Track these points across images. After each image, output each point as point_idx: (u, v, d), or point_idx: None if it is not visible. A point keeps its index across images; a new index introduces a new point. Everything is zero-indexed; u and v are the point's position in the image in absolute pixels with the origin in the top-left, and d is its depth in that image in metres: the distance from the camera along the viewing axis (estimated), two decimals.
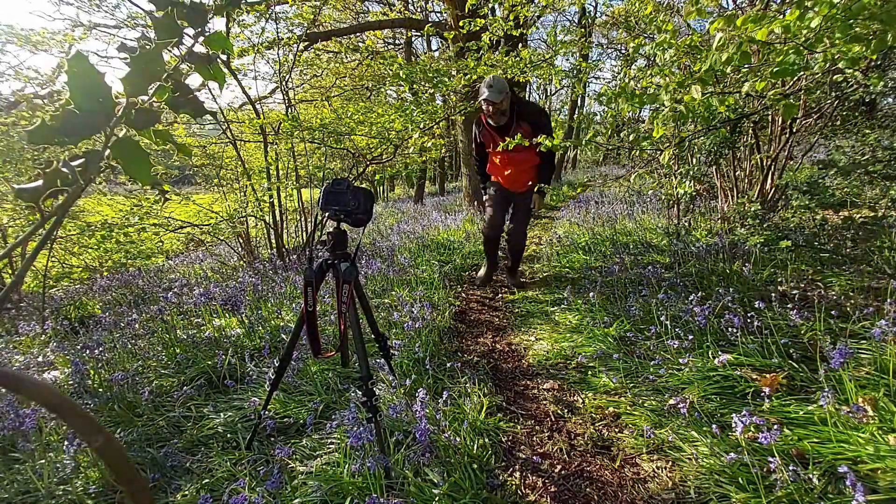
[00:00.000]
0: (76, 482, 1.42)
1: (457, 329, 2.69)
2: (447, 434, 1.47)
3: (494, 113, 2.88)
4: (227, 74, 1.19)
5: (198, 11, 0.73)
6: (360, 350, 1.36)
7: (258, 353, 2.28)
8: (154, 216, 4.40)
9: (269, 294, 3.17)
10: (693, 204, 4.42)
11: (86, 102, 0.59)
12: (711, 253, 2.92)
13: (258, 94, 6.89)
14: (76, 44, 4.54)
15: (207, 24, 0.75)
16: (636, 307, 2.34)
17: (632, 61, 3.77)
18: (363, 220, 1.43)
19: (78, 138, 0.60)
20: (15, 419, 1.57)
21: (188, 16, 0.72)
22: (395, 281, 3.34)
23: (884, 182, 2.79)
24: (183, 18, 0.72)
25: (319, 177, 5.28)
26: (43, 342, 2.88)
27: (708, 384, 1.68)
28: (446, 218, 6.56)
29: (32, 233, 0.65)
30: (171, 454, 1.55)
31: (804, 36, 1.37)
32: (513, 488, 1.37)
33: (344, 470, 1.33)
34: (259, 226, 5.05)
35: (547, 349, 2.32)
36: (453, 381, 1.93)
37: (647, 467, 1.42)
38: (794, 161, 3.77)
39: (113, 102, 0.61)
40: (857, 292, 2.16)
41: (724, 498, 1.21)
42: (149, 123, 0.67)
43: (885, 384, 1.44)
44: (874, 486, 1.13)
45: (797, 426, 1.39)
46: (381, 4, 10.94)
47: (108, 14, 5.12)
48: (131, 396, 1.91)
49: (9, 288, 0.63)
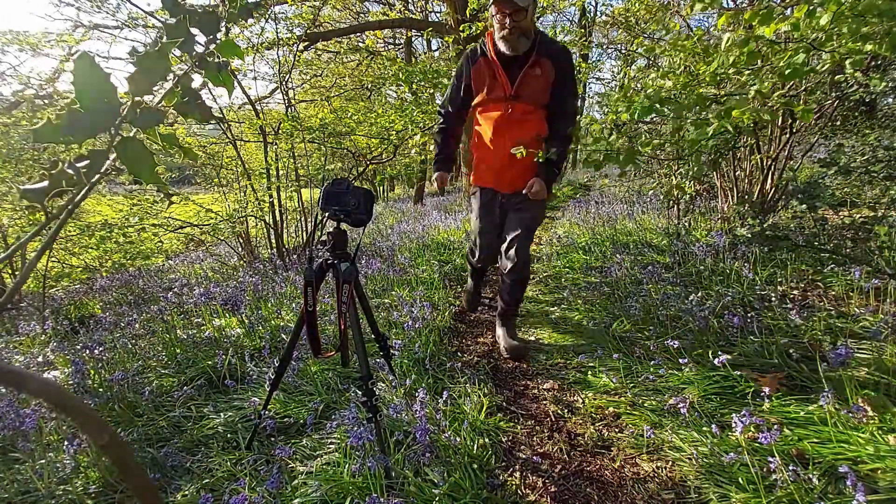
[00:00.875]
0: (76, 482, 1.42)
1: (457, 329, 2.69)
2: (447, 434, 1.47)
3: (512, 32, 1.88)
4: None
5: (211, 19, 0.73)
6: (360, 350, 1.36)
7: (258, 353, 2.28)
8: (154, 216, 4.40)
9: (269, 294, 3.17)
10: (693, 204, 4.43)
11: (91, 102, 0.59)
12: (711, 253, 2.93)
13: (258, 94, 6.90)
14: (77, 45, 4.54)
15: (219, 32, 0.75)
16: (636, 307, 2.34)
17: (631, 61, 3.77)
18: (363, 220, 1.43)
19: (83, 137, 0.60)
20: (15, 419, 1.57)
21: (200, 23, 0.73)
22: (395, 281, 3.34)
23: (884, 182, 2.80)
24: (195, 26, 0.72)
25: (319, 178, 5.28)
26: (43, 342, 2.88)
27: (708, 384, 1.69)
28: (446, 218, 6.56)
29: (36, 233, 0.65)
30: (172, 454, 1.55)
31: (813, 34, 1.37)
32: (513, 488, 1.37)
33: (344, 470, 1.33)
34: (259, 226, 5.06)
35: (547, 350, 2.32)
36: (453, 381, 1.93)
37: (647, 467, 1.42)
38: (794, 161, 3.77)
39: (118, 102, 0.62)
40: (857, 292, 2.17)
41: (724, 498, 1.21)
42: (153, 123, 0.67)
43: (885, 384, 1.45)
44: (874, 486, 1.13)
45: (797, 426, 1.39)
46: (381, 4, 10.95)
47: (109, 15, 5.11)
48: (131, 396, 1.91)
49: (12, 290, 0.63)
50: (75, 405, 0.44)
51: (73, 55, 0.67)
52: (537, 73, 1.92)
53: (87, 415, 0.44)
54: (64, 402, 0.43)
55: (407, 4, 10.38)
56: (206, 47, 0.74)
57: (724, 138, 3.20)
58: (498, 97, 2.01)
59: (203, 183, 5.67)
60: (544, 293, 3.18)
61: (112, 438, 0.44)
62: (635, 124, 3.39)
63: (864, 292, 2.16)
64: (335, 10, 8.94)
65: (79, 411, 0.44)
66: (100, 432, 0.43)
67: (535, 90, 1.97)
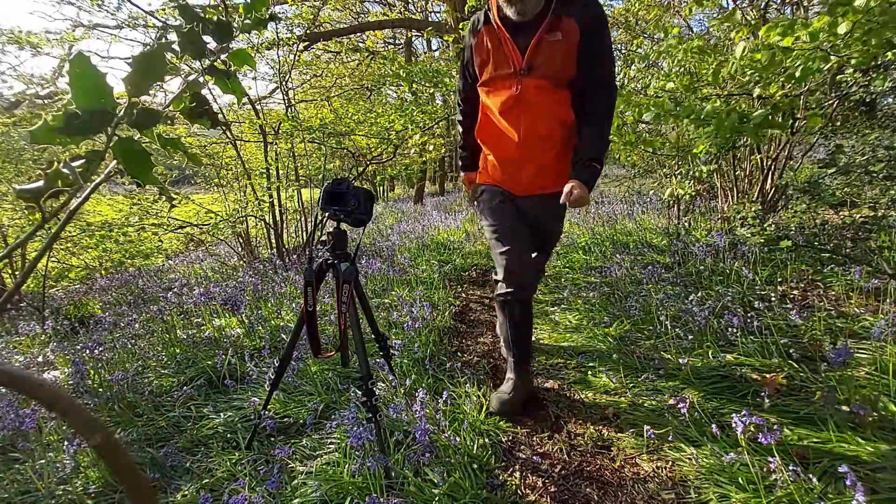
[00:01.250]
0: (76, 482, 1.42)
1: (457, 329, 2.69)
2: (447, 434, 1.47)
3: None
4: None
5: (225, 29, 0.73)
6: (360, 350, 1.36)
7: (258, 353, 2.28)
8: (154, 216, 4.40)
9: (269, 294, 3.17)
10: (693, 204, 4.42)
11: (88, 102, 0.59)
12: (711, 253, 2.92)
13: (258, 94, 6.90)
14: (77, 44, 4.54)
15: (232, 41, 0.75)
16: (636, 307, 2.34)
17: (630, 62, 3.77)
18: (363, 220, 1.43)
19: (79, 138, 0.60)
20: (15, 419, 1.57)
21: (214, 32, 0.72)
22: (395, 281, 3.34)
23: (884, 182, 2.79)
24: (208, 34, 0.72)
25: (319, 178, 5.28)
26: (43, 342, 2.88)
27: (708, 384, 1.68)
28: (446, 218, 6.56)
29: (33, 233, 0.65)
30: (171, 454, 1.55)
31: (832, 41, 1.39)
32: (513, 488, 1.37)
33: (344, 470, 1.33)
34: (259, 226, 5.06)
35: (547, 350, 2.32)
36: (453, 381, 1.93)
37: (647, 467, 1.42)
38: (794, 161, 3.77)
39: (114, 103, 0.61)
40: (857, 292, 2.17)
41: (724, 498, 1.21)
42: (150, 124, 0.67)
43: (884, 384, 1.45)
44: (874, 487, 1.13)
45: (797, 426, 1.39)
46: (381, 4, 10.95)
47: (110, 15, 5.12)
48: (131, 396, 1.91)
49: (12, 291, 0.63)
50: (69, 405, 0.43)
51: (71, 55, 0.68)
52: (556, 38, 1.46)
53: (80, 415, 0.44)
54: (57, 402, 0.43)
55: (407, 4, 10.38)
56: (216, 55, 0.74)
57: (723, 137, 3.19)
58: (505, 74, 1.55)
59: (203, 183, 5.68)
60: (544, 293, 3.18)
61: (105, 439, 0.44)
62: (637, 125, 3.39)
63: (864, 292, 2.15)
64: (335, 10, 8.94)
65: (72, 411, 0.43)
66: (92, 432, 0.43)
67: (555, 61, 1.49)
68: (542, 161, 1.61)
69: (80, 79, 0.57)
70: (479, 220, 1.77)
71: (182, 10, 0.71)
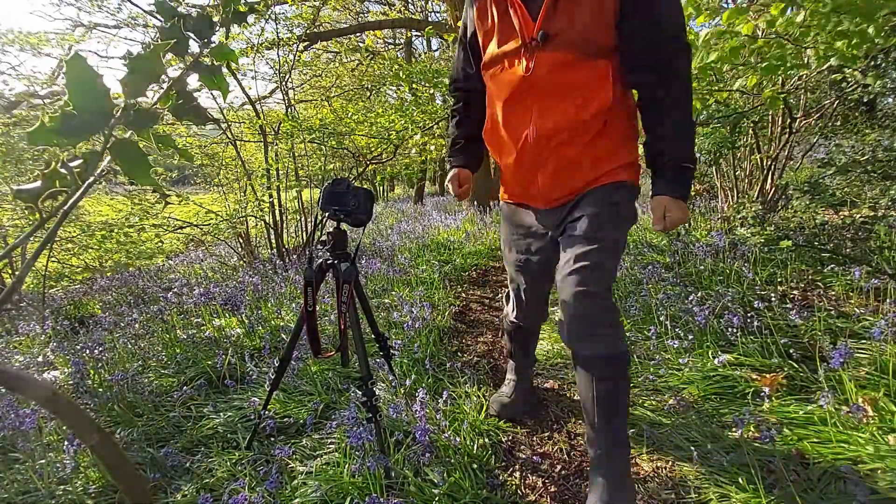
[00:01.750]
0: (76, 482, 1.42)
1: (457, 329, 2.69)
2: (447, 434, 1.47)
3: None
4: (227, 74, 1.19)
5: (204, 24, 0.73)
6: (360, 350, 1.36)
7: (258, 353, 2.28)
8: (154, 216, 4.40)
9: (269, 294, 3.17)
10: (693, 204, 4.42)
11: (84, 103, 0.59)
12: (711, 253, 2.92)
13: (258, 94, 6.90)
14: (77, 44, 4.54)
15: (213, 36, 0.75)
16: (636, 307, 2.34)
17: None
18: (363, 220, 1.43)
19: (76, 139, 0.60)
20: (15, 419, 1.57)
21: (194, 27, 0.72)
22: (395, 281, 3.34)
23: (884, 182, 2.79)
24: (189, 30, 0.72)
25: (319, 178, 5.28)
26: (43, 342, 2.88)
27: (708, 384, 1.68)
28: (446, 218, 6.56)
29: (32, 233, 0.65)
30: (171, 454, 1.55)
31: (791, 31, 1.36)
32: (513, 488, 1.37)
33: (344, 470, 1.33)
34: (259, 226, 5.06)
35: (547, 349, 2.32)
36: (453, 381, 1.93)
37: (647, 467, 1.42)
38: (794, 161, 3.77)
39: (111, 103, 0.61)
40: (857, 292, 2.16)
41: (724, 498, 1.21)
42: (147, 124, 0.67)
43: (885, 384, 1.44)
44: (874, 487, 1.13)
45: (797, 426, 1.39)
46: (381, 4, 10.95)
47: (109, 14, 5.12)
48: (131, 396, 1.91)
49: (10, 289, 0.63)
50: (65, 405, 0.43)
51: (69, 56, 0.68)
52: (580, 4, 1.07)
53: (77, 415, 0.44)
54: (53, 403, 0.43)
55: (407, 4, 10.37)
56: (199, 51, 0.74)
57: (723, 136, 3.19)
58: (512, 49, 1.17)
59: (203, 183, 5.68)
60: None
61: (101, 439, 0.44)
62: None
63: (864, 292, 2.15)
64: (335, 10, 8.94)
65: (69, 412, 0.43)
66: (89, 433, 0.43)
67: (581, 21, 1.08)
68: (557, 164, 1.20)
69: (76, 80, 0.57)
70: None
71: (159, 7, 0.71)
